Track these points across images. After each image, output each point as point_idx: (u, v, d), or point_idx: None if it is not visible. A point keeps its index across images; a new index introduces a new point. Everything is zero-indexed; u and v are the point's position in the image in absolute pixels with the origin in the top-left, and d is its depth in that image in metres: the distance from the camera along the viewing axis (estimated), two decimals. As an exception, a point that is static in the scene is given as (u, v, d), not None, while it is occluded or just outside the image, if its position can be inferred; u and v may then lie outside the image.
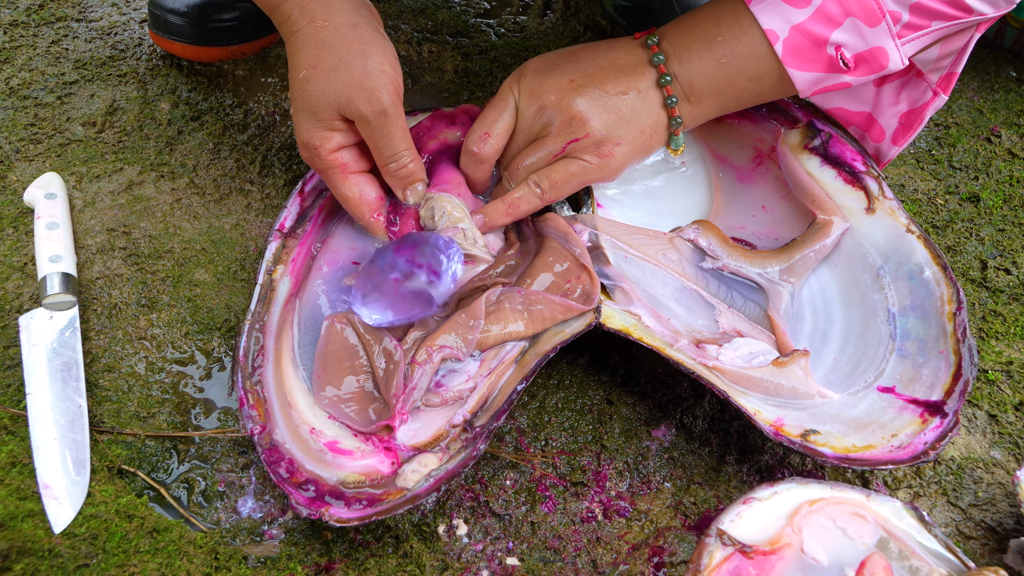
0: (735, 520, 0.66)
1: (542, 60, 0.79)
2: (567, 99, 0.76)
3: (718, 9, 0.77)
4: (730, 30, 0.75)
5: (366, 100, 0.74)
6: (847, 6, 0.72)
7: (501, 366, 0.75)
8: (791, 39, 0.74)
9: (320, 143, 0.76)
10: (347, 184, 0.78)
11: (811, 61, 0.74)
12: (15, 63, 1.04)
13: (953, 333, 0.77)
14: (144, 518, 0.71)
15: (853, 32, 0.73)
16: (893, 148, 0.86)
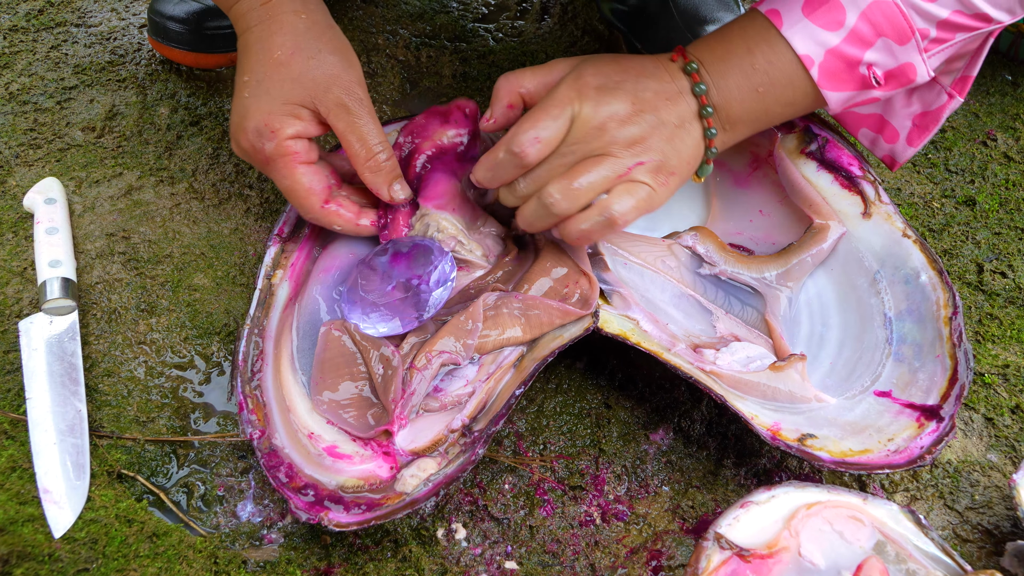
0: (733, 524, 0.66)
1: (600, 75, 0.74)
2: (632, 121, 0.72)
3: (748, 33, 0.75)
4: (765, 57, 0.74)
5: (345, 90, 0.75)
6: (879, 26, 0.72)
7: (499, 371, 0.76)
8: (826, 63, 0.73)
9: (280, 126, 0.74)
10: (296, 173, 0.76)
11: (844, 81, 0.74)
12: (15, 68, 1.04)
13: (949, 337, 0.77)
14: (144, 522, 0.71)
15: (884, 51, 0.73)
16: (909, 149, 0.86)
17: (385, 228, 0.82)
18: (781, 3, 0.74)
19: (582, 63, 0.76)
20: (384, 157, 0.77)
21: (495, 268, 0.81)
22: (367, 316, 0.77)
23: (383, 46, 1.11)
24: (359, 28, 1.12)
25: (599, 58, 0.77)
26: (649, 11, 1.05)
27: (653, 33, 1.05)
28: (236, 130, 0.76)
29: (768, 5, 0.75)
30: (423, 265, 0.77)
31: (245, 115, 0.75)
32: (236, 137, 0.77)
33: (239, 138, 0.76)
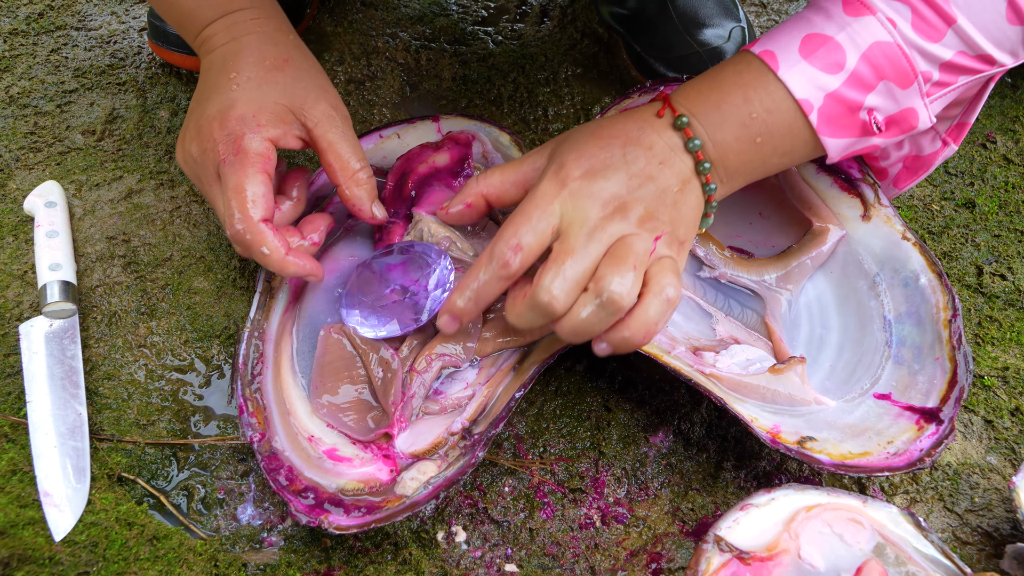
0: (732, 526, 0.67)
1: (581, 158, 0.69)
2: (634, 198, 0.68)
3: (744, 78, 0.71)
4: (762, 104, 0.70)
5: (333, 104, 0.75)
6: (880, 69, 0.69)
7: (499, 373, 0.76)
8: (826, 107, 0.70)
9: (266, 123, 0.72)
10: (255, 176, 0.70)
11: (844, 127, 0.71)
12: (15, 72, 1.04)
13: (949, 340, 0.77)
14: (144, 525, 0.71)
15: (886, 95, 0.70)
16: (893, 190, 0.85)
17: (381, 238, 0.83)
18: (776, 44, 0.71)
19: (559, 147, 0.71)
20: (367, 175, 0.76)
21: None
22: (366, 319, 0.77)
23: (383, 49, 1.11)
24: (359, 31, 1.13)
25: (576, 135, 0.72)
26: (648, 14, 1.05)
27: (652, 36, 1.05)
28: (211, 120, 0.72)
29: (762, 46, 0.71)
30: (421, 268, 0.77)
31: (232, 104, 0.72)
32: (208, 126, 0.72)
33: (212, 129, 0.72)
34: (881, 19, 0.69)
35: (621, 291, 0.65)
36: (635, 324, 0.67)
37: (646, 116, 0.72)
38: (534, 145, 1.02)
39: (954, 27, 0.69)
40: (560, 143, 0.72)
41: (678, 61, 1.02)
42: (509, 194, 0.74)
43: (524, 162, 0.74)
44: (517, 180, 0.74)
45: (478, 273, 0.69)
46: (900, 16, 0.69)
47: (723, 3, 1.04)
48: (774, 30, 0.73)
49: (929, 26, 0.69)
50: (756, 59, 0.71)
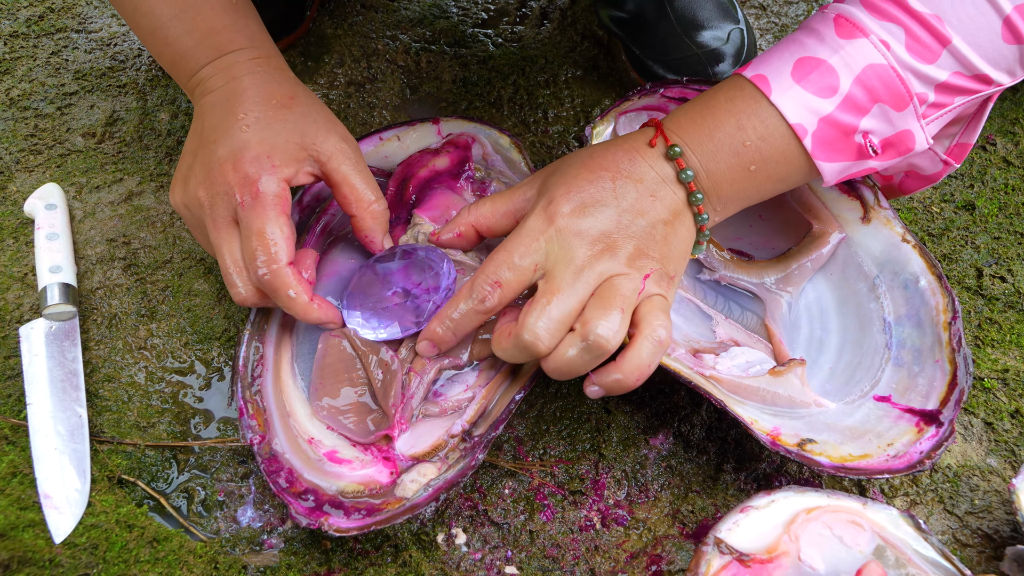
0: (732, 528, 0.67)
1: (570, 191, 0.69)
2: (623, 235, 0.68)
3: (736, 105, 0.70)
4: (756, 131, 0.69)
5: (343, 138, 0.74)
6: (874, 92, 0.68)
7: (499, 376, 0.76)
8: (820, 132, 0.69)
9: (281, 163, 0.71)
10: (280, 219, 0.70)
11: (839, 151, 0.70)
12: (15, 74, 1.04)
13: (948, 342, 0.77)
14: (144, 528, 0.72)
15: (881, 118, 0.69)
16: (899, 193, 0.85)
17: None
18: (768, 67, 0.70)
19: (548, 179, 0.71)
20: (382, 207, 0.75)
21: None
22: (367, 320, 0.77)
23: (383, 51, 1.11)
24: (359, 33, 1.13)
25: (566, 166, 0.71)
26: (646, 17, 1.05)
27: (651, 39, 1.05)
28: (224, 161, 0.70)
29: (754, 70, 0.70)
30: (423, 271, 0.77)
31: (245, 146, 0.70)
32: (221, 169, 0.70)
33: (227, 172, 0.70)
34: (874, 41, 0.68)
35: (607, 334, 0.65)
36: (627, 367, 0.67)
37: (638, 145, 0.71)
38: (533, 148, 1.02)
39: (949, 48, 0.68)
40: (550, 174, 0.72)
41: (677, 63, 1.02)
42: (500, 224, 0.74)
43: (515, 192, 0.73)
44: (508, 211, 0.74)
45: (458, 304, 0.69)
46: (893, 38, 0.68)
47: (722, 5, 1.04)
48: (766, 53, 0.72)
49: (923, 47, 0.68)
50: (748, 84, 0.70)
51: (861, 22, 0.68)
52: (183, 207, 0.73)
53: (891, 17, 0.68)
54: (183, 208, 0.74)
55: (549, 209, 0.68)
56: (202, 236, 0.74)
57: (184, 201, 0.73)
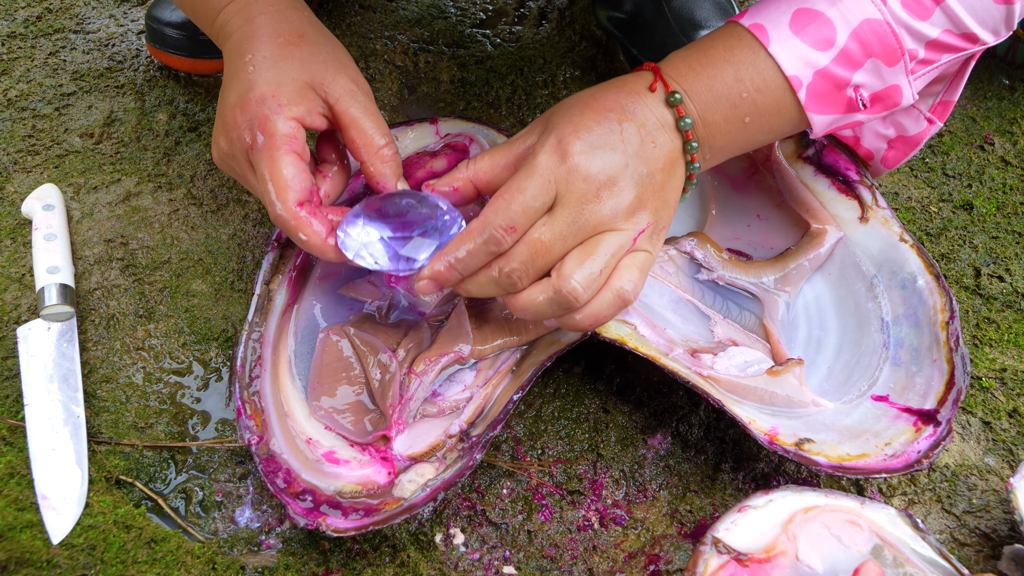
0: (730, 528, 0.67)
1: (579, 131, 0.67)
2: (626, 183, 0.67)
3: (735, 55, 0.70)
4: (753, 83, 0.69)
5: (354, 79, 0.72)
6: (869, 47, 0.69)
7: (497, 376, 0.76)
8: (814, 84, 0.70)
9: (288, 101, 0.68)
10: (284, 159, 0.68)
11: (831, 104, 0.71)
12: (13, 75, 1.04)
13: (946, 342, 0.77)
14: (142, 528, 0.72)
15: (873, 72, 0.70)
16: (883, 169, 0.85)
17: None
18: (766, 17, 0.70)
19: (552, 119, 0.69)
20: (392, 151, 0.72)
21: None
22: (365, 249, 0.72)
23: (381, 51, 1.11)
24: (357, 33, 1.13)
25: (568, 106, 0.69)
26: (645, 17, 1.05)
27: (649, 39, 1.05)
28: (233, 106, 0.69)
29: (752, 18, 0.71)
30: (426, 217, 0.72)
31: (251, 87, 0.69)
32: (231, 115, 0.70)
33: (236, 116, 0.69)
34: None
35: (580, 291, 0.65)
36: (585, 312, 0.67)
37: (638, 88, 0.70)
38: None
39: (942, 6, 0.69)
40: (552, 115, 0.70)
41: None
42: (500, 178, 0.71)
43: (514, 144, 0.71)
44: (508, 163, 0.71)
45: (466, 243, 0.67)
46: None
47: (719, 4, 1.04)
48: (763, 1, 0.72)
49: (918, 4, 0.69)
50: (746, 33, 0.70)
51: None
52: (218, 163, 0.73)
53: None
54: (219, 164, 0.73)
55: (560, 147, 0.66)
56: (242, 183, 0.73)
57: (217, 156, 0.73)
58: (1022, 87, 1.14)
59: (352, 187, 0.85)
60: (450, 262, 0.67)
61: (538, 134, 0.69)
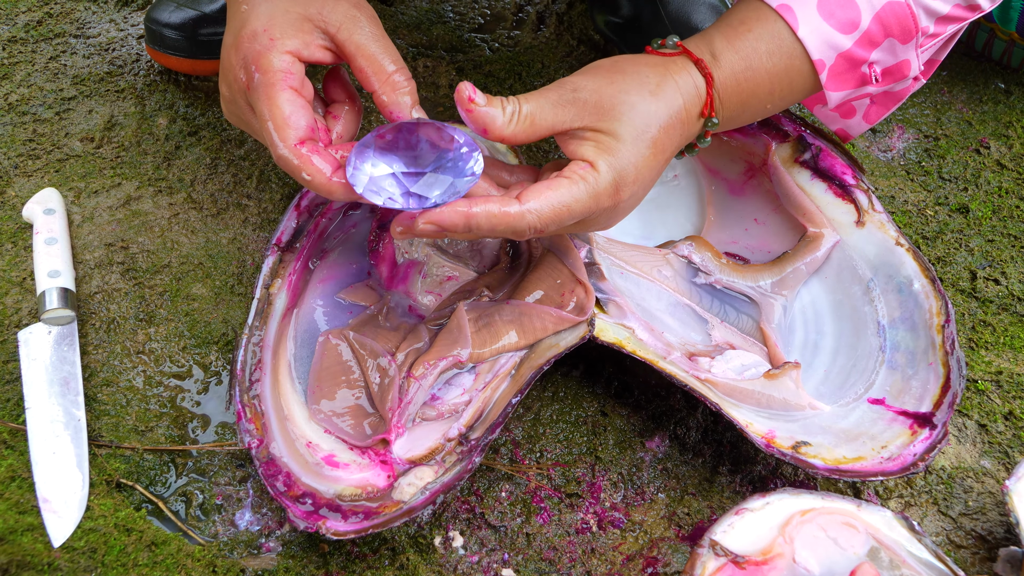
0: (728, 531, 0.67)
1: (637, 184, 0.68)
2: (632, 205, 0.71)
3: (773, 62, 0.71)
4: (782, 89, 0.72)
5: (356, 3, 0.68)
6: (888, 28, 0.71)
7: (496, 379, 0.76)
8: (835, 65, 0.72)
9: (280, 35, 0.65)
10: (281, 96, 0.65)
11: (847, 81, 0.73)
12: (14, 79, 1.05)
13: (942, 345, 0.77)
14: (142, 531, 0.72)
15: (888, 50, 0.72)
16: (864, 125, 0.85)
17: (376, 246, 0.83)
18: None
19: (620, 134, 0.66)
20: (404, 77, 0.68)
21: (485, 275, 0.81)
22: (375, 184, 0.67)
23: (380, 56, 1.11)
24: (356, 38, 1.13)
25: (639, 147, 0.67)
26: (641, 21, 1.05)
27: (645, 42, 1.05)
28: (228, 48, 0.67)
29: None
30: (442, 151, 0.67)
31: (243, 24, 0.66)
32: (226, 57, 0.67)
33: (230, 57, 0.67)
34: None
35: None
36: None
37: (692, 116, 0.70)
38: (529, 152, 1.03)
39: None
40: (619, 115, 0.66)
41: (672, 67, 1.03)
42: (537, 133, 0.67)
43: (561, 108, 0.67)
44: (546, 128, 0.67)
45: (494, 221, 0.64)
46: None
47: (715, 7, 1.05)
48: None
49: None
50: (776, 17, 0.70)
51: None
52: (226, 115, 0.71)
53: None
54: (228, 116, 0.71)
55: (617, 193, 0.66)
56: (248, 132, 0.71)
57: (224, 110, 0.71)
58: (1018, 91, 1.14)
59: (351, 191, 0.85)
60: (468, 224, 0.64)
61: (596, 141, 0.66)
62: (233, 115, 0.72)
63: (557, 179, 0.65)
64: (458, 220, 0.64)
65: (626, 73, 0.68)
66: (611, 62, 0.70)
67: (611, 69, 0.69)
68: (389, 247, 0.84)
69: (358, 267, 0.84)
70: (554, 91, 0.67)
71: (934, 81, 1.15)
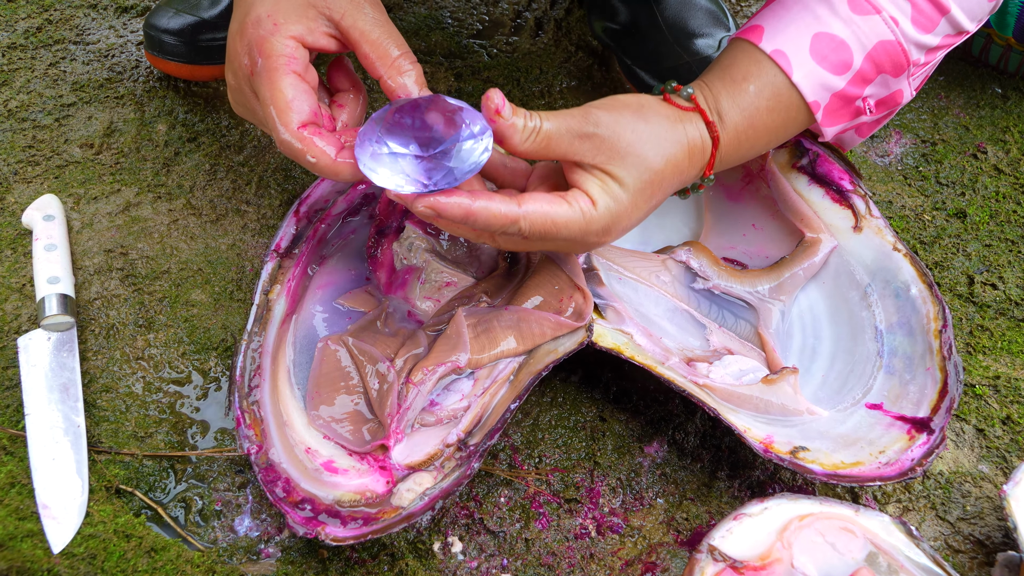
0: (726, 536, 0.67)
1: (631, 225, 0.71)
2: None
3: (774, 116, 0.74)
4: (780, 134, 0.76)
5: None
6: (880, 64, 0.73)
7: (494, 385, 0.76)
8: (830, 105, 0.74)
9: (284, 21, 0.66)
10: (284, 80, 0.66)
11: (842, 117, 0.76)
12: (13, 85, 1.05)
13: (939, 350, 0.78)
14: (142, 537, 0.72)
15: (881, 84, 0.74)
16: (856, 139, 0.86)
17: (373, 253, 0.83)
18: (784, 39, 0.73)
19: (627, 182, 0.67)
20: (410, 61, 0.68)
21: (484, 280, 0.82)
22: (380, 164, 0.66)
23: (379, 62, 1.11)
24: (355, 44, 1.13)
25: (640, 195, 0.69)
26: (639, 27, 1.06)
27: (643, 49, 1.06)
28: (233, 35, 0.68)
29: (772, 44, 0.73)
30: (449, 133, 0.66)
31: (248, 10, 0.67)
32: (232, 45, 0.68)
33: (235, 44, 0.67)
34: (885, 18, 0.72)
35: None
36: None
37: (695, 172, 0.73)
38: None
39: (947, 16, 0.73)
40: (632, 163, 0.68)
41: (668, 72, 1.03)
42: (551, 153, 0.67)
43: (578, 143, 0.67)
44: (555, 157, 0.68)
45: (491, 219, 0.65)
46: (902, 13, 0.72)
47: (713, 12, 1.05)
48: (778, 16, 0.74)
49: (926, 19, 0.72)
50: (773, 67, 0.73)
51: None
52: (233, 105, 0.72)
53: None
54: (233, 106, 0.72)
55: (611, 232, 0.69)
56: (253, 121, 0.71)
57: (231, 100, 0.71)
58: (1015, 96, 1.15)
59: (350, 197, 0.85)
60: (466, 217, 0.64)
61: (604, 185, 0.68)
62: (239, 104, 0.72)
63: (558, 198, 0.67)
64: (457, 211, 0.64)
65: (648, 122, 0.69)
66: (637, 105, 0.71)
67: (635, 115, 0.70)
68: (388, 253, 0.84)
69: (357, 273, 0.85)
70: (576, 119, 0.67)
71: (931, 86, 1.15)
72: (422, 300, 0.82)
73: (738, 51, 0.75)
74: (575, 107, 0.69)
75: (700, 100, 0.73)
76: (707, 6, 1.05)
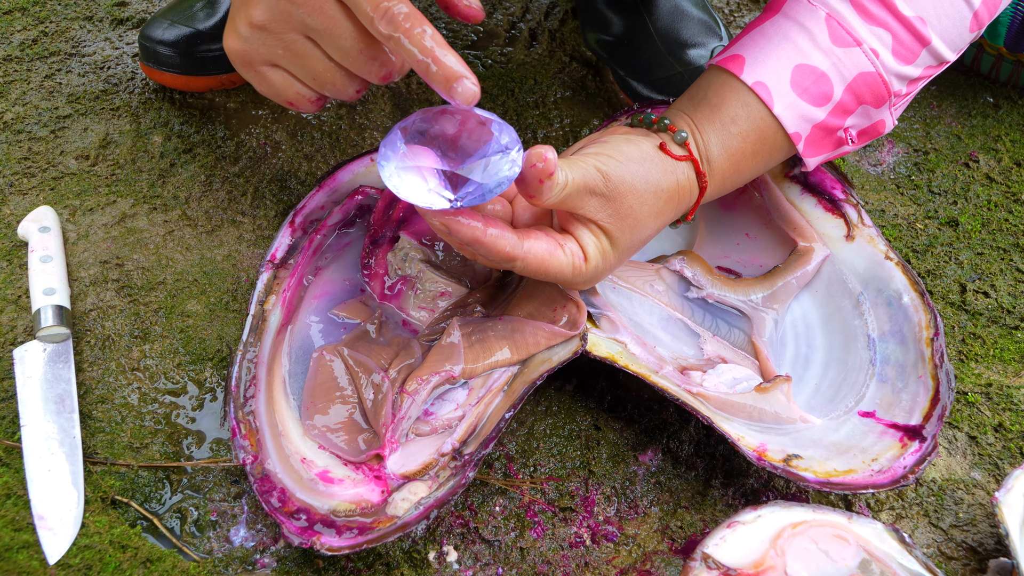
0: (720, 544, 0.67)
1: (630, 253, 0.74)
2: None
3: (757, 146, 0.75)
4: (763, 163, 0.77)
5: None
6: (860, 96, 0.74)
7: (489, 394, 0.77)
8: (811, 136, 0.75)
9: None
10: (336, 5, 0.64)
11: (824, 147, 0.77)
12: (9, 97, 1.05)
13: (931, 358, 0.78)
14: (138, 548, 0.72)
15: (862, 115, 0.75)
16: None
17: (368, 262, 0.84)
18: (765, 70, 0.73)
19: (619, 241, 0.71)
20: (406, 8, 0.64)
21: (478, 290, 0.82)
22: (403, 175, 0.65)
23: (374, 73, 1.12)
24: (350, 55, 1.14)
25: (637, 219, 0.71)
26: (632, 38, 1.06)
27: (635, 60, 1.06)
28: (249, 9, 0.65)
29: (752, 76, 0.73)
30: (477, 147, 0.64)
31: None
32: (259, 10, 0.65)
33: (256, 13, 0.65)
34: (866, 50, 0.72)
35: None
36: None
37: (684, 206, 0.75)
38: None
39: (928, 47, 0.73)
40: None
41: (661, 82, 1.04)
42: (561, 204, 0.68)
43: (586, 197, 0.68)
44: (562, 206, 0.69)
45: (496, 245, 0.65)
46: (882, 45, 0.72)
47: (705, 22, 1.05)
48: (759, 46, 0.75)
49: (907, 50, 0.73)
50: (754, 99, 0.73)
51: (853, 29, 0.72)
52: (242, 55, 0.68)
53: (879, 21, 0.72)
54: (244, 55, 0.68)
55: (587, 282, 0.73)
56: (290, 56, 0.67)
57: (238, 48, 0.68)
58: (1006, 105, 1.15)
59: (345, 208, 0.86)
60: (476, 242, 0.65)
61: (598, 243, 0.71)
62: (263, 47, 0.67)
63: (556, 246, 0.69)
64: (469, 235, 0.65)
65: (648, 181, 0.71)
66: (640, 158, 0.71)
67: (639, 167, 0.70)
68: (382, 263, 0.84)
69: (352, 283, 0.85)
70: (591, 174, 0.68)
71: (923, 96, 1.16)
72: (417, 310, 0.82)
73: (723, 85, 0.75)
74: (587, 149, 0.71)
75: (692, 148, 0.73)
76: (699, 16, 1.05)
